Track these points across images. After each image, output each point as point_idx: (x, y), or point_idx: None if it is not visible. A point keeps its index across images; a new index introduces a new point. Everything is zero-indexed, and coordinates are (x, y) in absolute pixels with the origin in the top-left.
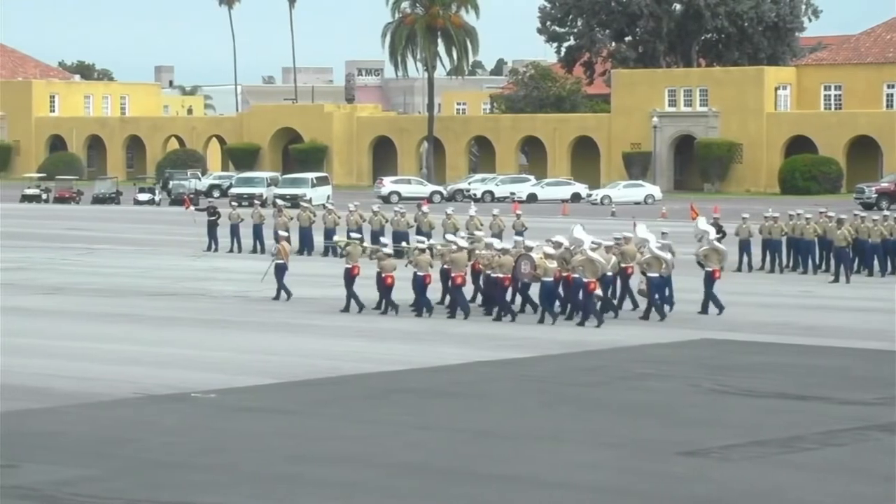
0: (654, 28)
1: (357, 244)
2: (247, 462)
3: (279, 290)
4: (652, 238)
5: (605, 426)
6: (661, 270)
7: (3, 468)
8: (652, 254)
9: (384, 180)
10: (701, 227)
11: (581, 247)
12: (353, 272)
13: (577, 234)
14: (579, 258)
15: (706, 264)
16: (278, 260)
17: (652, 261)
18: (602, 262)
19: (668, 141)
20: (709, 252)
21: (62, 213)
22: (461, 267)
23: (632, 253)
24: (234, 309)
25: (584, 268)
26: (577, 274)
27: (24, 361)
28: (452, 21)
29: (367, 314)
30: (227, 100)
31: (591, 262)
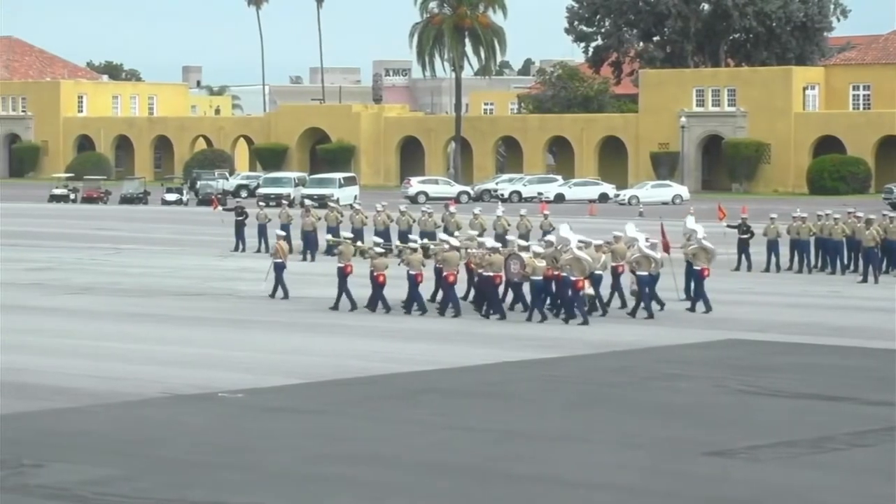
0: (681, 28)
1: (349, 243)
2: (275, 462)
3: (277, 289)
4: (641, 237)
5: (631, 427)
6: (650, 269)
7: (31, 468)
8: (641, 252)
9: (411, 180)
10: (689, 225)
11: (568, 246)
12: (346, 271)
13: (564, 234)
14: (567, 257)
15: (695, 263)
16: (276, 259)
17: (641, 259)
18: (589, 261)
19: (696, 141)
20: (697, 251)
21: (90, 213)
22: (453, 265)
23: (622, 252)
24: (262, 309)
25: (572, 266)
26: (565, 272)
27: (51, 361)
28: (480, 21)
29: (360, 312)
30: (255, 100)
31: (578, 261)
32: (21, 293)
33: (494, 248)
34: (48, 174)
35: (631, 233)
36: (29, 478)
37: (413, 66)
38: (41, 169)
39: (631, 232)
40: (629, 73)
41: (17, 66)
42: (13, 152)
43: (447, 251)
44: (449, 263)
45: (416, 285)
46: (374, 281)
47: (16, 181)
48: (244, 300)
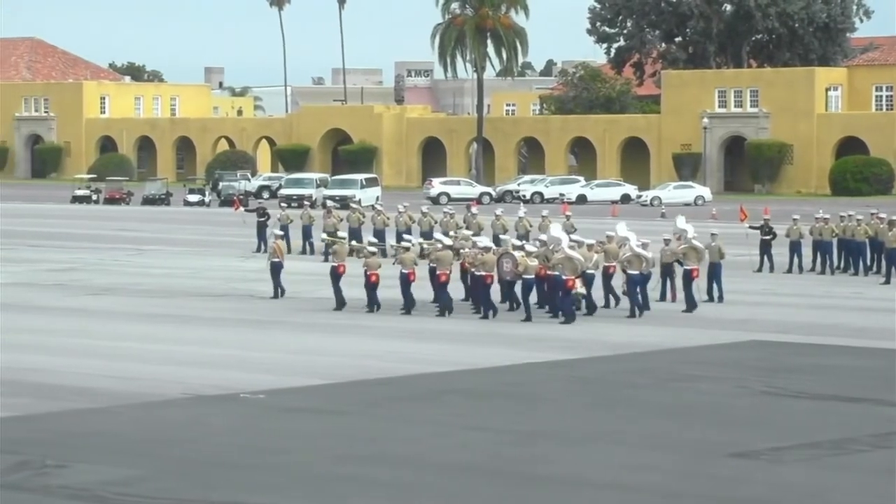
0: (704, 29)
1: (343, 243)
2: (296, 462)
3: (276, 289)
4: (633, 237)
5: (654, 428)
6: (641, 268)
7: (54, 468)
8: (633, 252)
9: (433, 181)
10: (679, 225)
11: (560, 245)
12: (339, 270)
13: (555, 233)
14: (558, 256)
15: (685, 263)
16: (274, 258)
17: (633, 259)
18: (581, 260)
19: (719, 142)
20: (687, 251)
21: (112, 214)
22: (446, 265)
23: (614, 252)
24: (283, 310)
25: (564, 266)
26: (557, 272)
27: (74, 362)
28: (502, 22)
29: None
30: (277, 101)
31: (569, 260)
32: (43, 294)
33: (487, 247)
34: (71, 175)
35: (622, 232)
36: (51, 478)
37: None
38: (64, 170)
39: (622, 231)
40: (651, 74)
41: (40, 67)
42: (36, 153)
43: (440, 250)
44: (442, 263)
45: (407, 284)
46: (367, 280)
47: (38, 182)
48: (266, 301)
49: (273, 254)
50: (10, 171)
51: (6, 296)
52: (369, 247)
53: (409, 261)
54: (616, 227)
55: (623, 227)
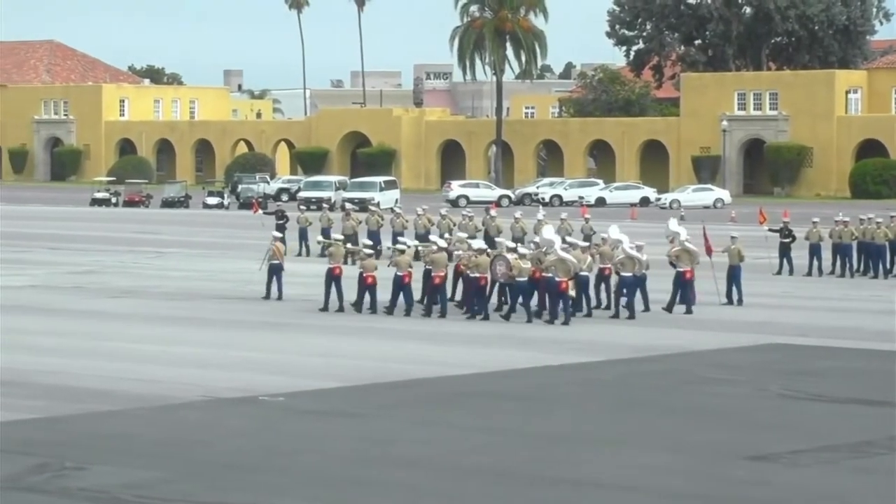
0: (723, 31)
1: (340, 245)
2: (315, 465)
3: (278, 291)
4: (626, 239)
5: (673, 430)
6: (634, 270)
7: (73, 470)
8: (626, 254)
9: (452, 184)
10: (672, 228)
11: (552, 247)
12: (335, 272)
13: (548, 236)
14: (551, 258)
15: (678, 265)
16: (273, 260)
17: (626, 261)
18: (574, 262)
19: (738, 145)
20: (680, 253)
21: (132, 216)
22: (440, 267)
23: (609, 254)
24: (302, 312)
25: (556, 268)
26: (550, 273)
27: (92, 364)
28: (521, 25)
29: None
30: (296, 104)
31: (562, 262)
32: (63, 296)
33: (481, 249)
34: (90, 178)
35: (615, 235)
36: (71, 480)
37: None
38: (83, 173)
39: (615, 234)
40: (671, 76)
41: (60, 70)
42: (55, 156)
43: (434, 252)
44: (436, 265)
45: (401, 286)
46: (363, 282)
47: (58, 185)
48: (285, 303)
49: (272, 256)
50: (30, 174)
51: (26, 298)
52: (365, 249)
53: (404, 263)
54: (609, 230)
55: (616, 229)
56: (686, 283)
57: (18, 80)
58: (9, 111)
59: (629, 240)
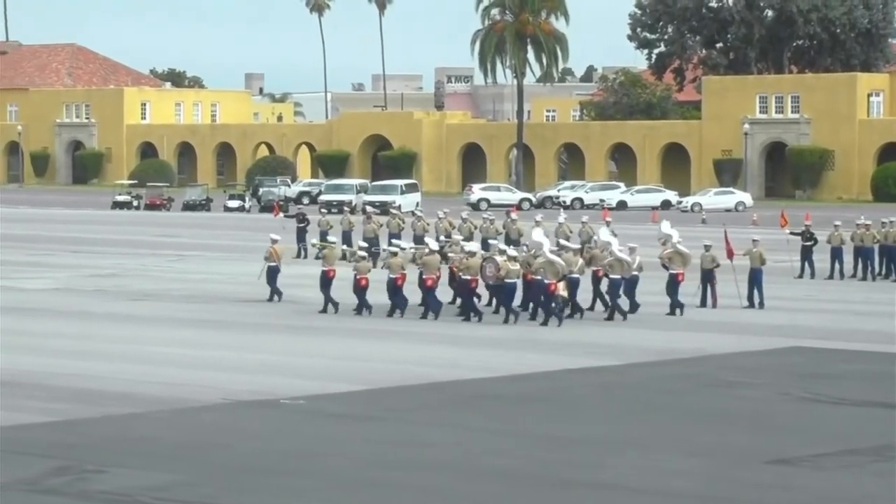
0: (745, 34)
1: (334, 247)
2: (335, 468)
3: (273, 293)
4: (615, 241)
5: (693, 434)
6: (622, 272)
7: (93, 473)
8: (614, 256)
9: (473, 187)
10: (664, 230)
11: (541, 249)
12: (329, 275)
13: (537, 238)
14: (540, 261)
15: (670, 267)
16: (271, 262)
17: (614, 263)
18: (562, 264)
19: (760, 148)
20: (672, 255)
21: (153, 219)
22: (432, 269)
23: (600, 256)
24: (322, 315)
25: (545, 269)
26: (539, 276)
27: (114, 367)
28: (542, 28)
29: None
30: (317, 107)
31: (551, 264)
32: (84, 299)
33: (472, 252)
34: (111, 181)
35: (604, 237)
36: (91, 483)
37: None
38: (104, 176)
39: (604, 236)
40: (692, 79)
41: (81, 73)
42: (77, 159)
43: (426, 255)
44: (428, 267)
45: (394, 289)
46: (357, 284)
47: (79, 188)
48: (305, 306)
49: (270, 258)
50: (52, 177)
51: (48, 301)
52: (359, 251)
53: (396, 265)
54: (598, 232)
55: (605, 231)
56: (677, 285)
57: (41, 83)
58: (31, 114)
59: (618, 242)
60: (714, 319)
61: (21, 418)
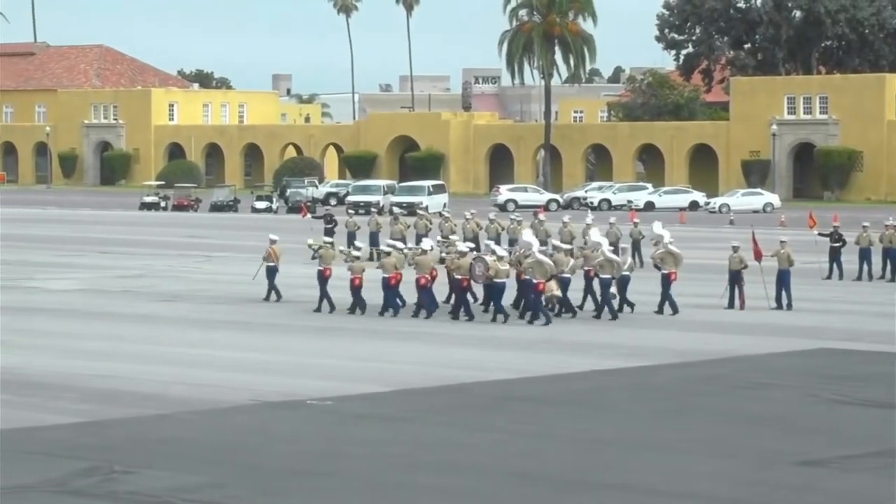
0: (773, 35)
1: (329, 247)
2: (364, 470)
3: (269, 292)
4: (605, 242)
5: (722, 436)
6: (612, 272)
7: (122, 474)
8: (605, 257)
9: (501, 188)
10: (656, 231)
11: (531, 249)
12: (326, 274)
13: (527, 238)
14: (529, 261)
15: (662, 267)
16: (269, 262)
17: (605, 263)
18: (551, 264)
19: (788, 149)
20: (665, 255)
21: (181, 220)
22: (425, 269)
23: (592, 257)
24: (350, 317)
25: (534, 269)
26: (528, 275)
27: (141, 368)
28: (570, 29)
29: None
30: (344, 108)
31: (539, 264)
32: (112, 300)
33: (463, 251)
34: (139, 182)
35: (595, 237)
36: (119, 484)
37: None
38: (132, 177)
39: (595, 236)
40: (720, 80)
41: (109, 74)
42: (105, 160)
43: (419, 255)
44: (421, 267)
45: (388, 288)
46: (350, 283)
47: (107, 189)
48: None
49: (268, 257)
50: (80, 178)
51: (76, 302)
52: (353, 251)
53: (389, 265)
54: (590, 232)
55: (596, 232)
56: (670, 285)
57: (69, 84)
58: (59, 115)
59: (608, 242)
60: (742, 321)
61: (49, 419)
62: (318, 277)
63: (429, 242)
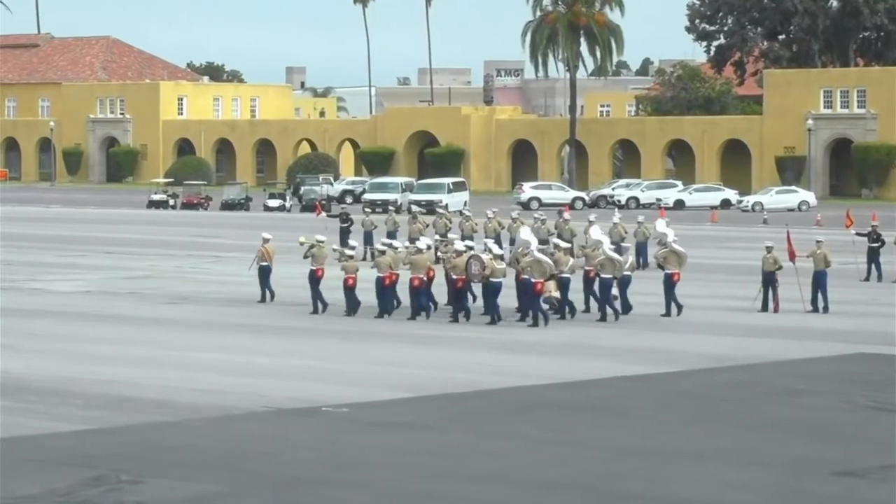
0: (808, 26)
1: (322, 246)
2: (382, 479)
3: (264, 293)
4: (606, 240)
5: (754, 444)
6: (614, 272)
7: (130, 483)
8: (605, 255)
9: (524, 186)
10: (660, 229)
11: (529, 248)
12: (318, 274)
13: (524, 237)
14: (527, 260)
15: (665, 267)
16: (262, 262)
17: (605, 262)
18: (550, 263)
19: (824, 144)
20: (668, 255)
21: (190, 219)
22: (419, 269)
23: (593, 256)
24: (367, 320)
25: (532, 268)
26: (526, 275)
27: (149, 373)
28: (596, 19)
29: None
30: (361, 102)
31: (538, 263)
32: (118, 302)
33: (459, 251)
34: (147, 179)
35: (595, 235)
36: (127, 494)
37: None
38: (139, 174)
39: (595, 235)
40: (753, 73)
41: (116, 67)
42: (111, 156)
43: (413, 254)
44: (416, 267)
45: (382, 289)
46: (343, 284)
47: (114, 186)
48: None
49: (261, 258)
50: (85, 175)
51: (80, 304)
52: (347, 250)
53: (384, 265)
54: (590, 230)
55: (597, 230)
56: (673, 285)
57: (73, 77)
58: (63, 110)
59: (609, 241)
60: (775, 324)
61: (55, 426)
62: (309, 278)
63: (425, 241)
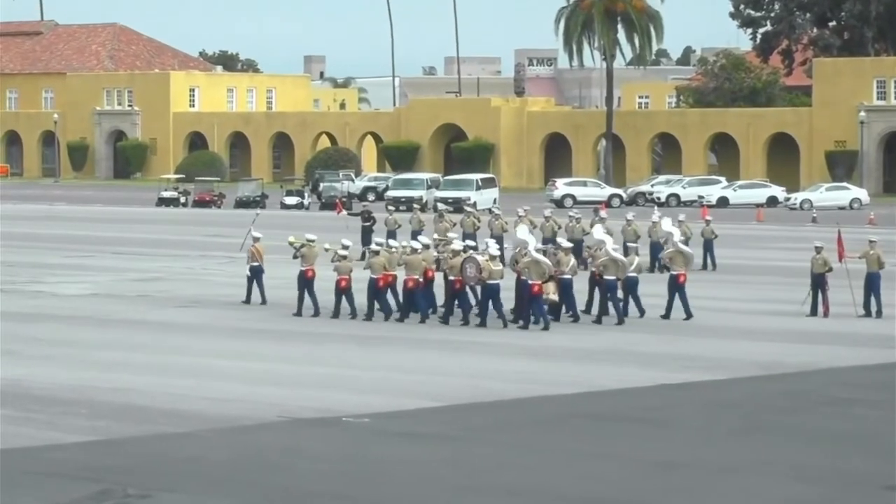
0: (861, 12)
1: (312, 245)
2: (407, 494)
3: (254, 293)
4: (609, 240)
5: (803, 457)
6: (617, 273)
7: (136, 498)
8: (608, 256)
9: (557, 182)
10: (665, 228)
11: (526, 248)
12: (308, 275)
13: (522, 236)
14: (525, 260)
15: (671, 267)
16: (253, 262)
17: (608, 263)
18: (548, 264)
19: (877, 138)
20: (674, 255)
21: (202, 217)
22: (415, 270)
23: (598, 256)
24: (390, 325)
25: (530, 269)
26: (524, 276)
27: (159, 380)
28: (634, 5)
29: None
30: (384, 93)
31: (536, 264)
32: (127, 306)
33: (456, 251)
34: (156, 175)
35: (598, 235)
36: None
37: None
38: (149, 169)
39: (598, 235)
40: (802, 62)
41: (124, 56)
42: (119, 151)
43: (409, 255)
44: (411, 268)
45: (375, 290)
46: (336, 285)
47: (121, 183)
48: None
49: (252, 257)
50: (91, 171)
51: (88, 308)
52: (340, 250)
53: (378, 265)
54: (593, 230)
55: (599, 229)
56: (681, 287)
57: (79, 67)
58: (68, 102)
59: (612, 241)
60: (826, 329)
61: (59, 437)
62: (298, 279)
63: (423, 241)
